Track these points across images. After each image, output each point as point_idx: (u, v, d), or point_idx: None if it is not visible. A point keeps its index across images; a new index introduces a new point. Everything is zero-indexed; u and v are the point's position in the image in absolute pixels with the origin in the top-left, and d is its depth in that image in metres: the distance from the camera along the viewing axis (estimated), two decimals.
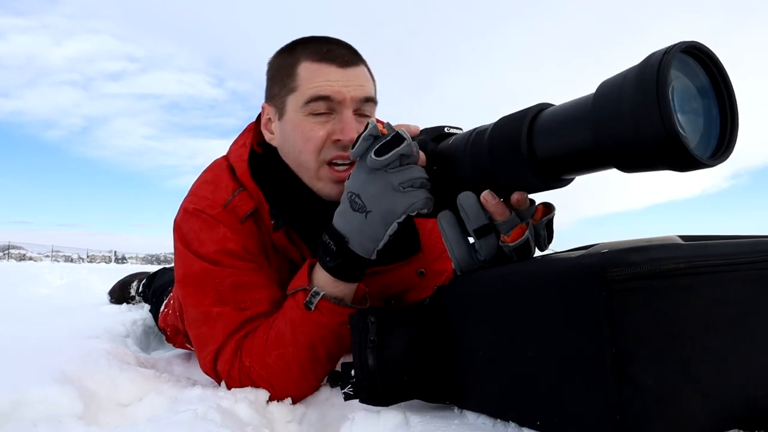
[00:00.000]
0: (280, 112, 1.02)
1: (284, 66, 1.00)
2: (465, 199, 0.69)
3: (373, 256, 0.83)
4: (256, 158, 1.06)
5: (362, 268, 0.86)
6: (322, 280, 0.88)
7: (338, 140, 0.95)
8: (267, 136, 1.06)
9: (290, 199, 1.02)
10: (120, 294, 2.31)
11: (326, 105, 0.96)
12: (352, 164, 0.95)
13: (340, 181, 0.97)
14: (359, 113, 0.98)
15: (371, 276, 0.97)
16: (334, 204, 0.99)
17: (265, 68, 1.07)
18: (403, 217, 0.77)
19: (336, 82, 0.95)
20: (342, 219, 0.83)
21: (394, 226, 0.78)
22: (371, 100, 0.99)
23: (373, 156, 0.75)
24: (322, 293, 0.87)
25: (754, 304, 0.52)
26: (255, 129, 1.10)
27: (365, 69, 1.01)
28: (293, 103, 0.98)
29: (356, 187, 0.80)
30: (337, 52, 0.97)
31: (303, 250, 1.05)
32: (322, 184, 1.00)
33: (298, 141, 0.99)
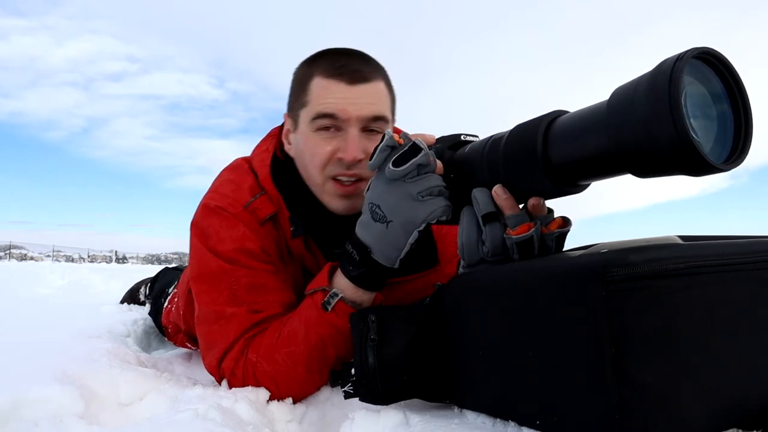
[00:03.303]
0: (295, 125, 1.03)
1: (301, 79, 1.01)
2: (478, 191, 0.72)
3: (396, 265, 0.83)
4: (278, 165, 1.07)
5: (385, 277, 0.87)
6: (343, 285, 0.89)
7: (341, 158, 0.96)
8: (286, 145, 1.08)
9: (308, 208, 1.03)
10: (131, 302, 2.33)
11: (332, 122, 0.96)
12: (357, 180, 0.98)
13: (346, 196, 0.99)
14: (368, 131, 0.98)
15: (390, 286, 0.98)
16: (347, 216, 0.99)
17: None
18: (423, 225, 0.78)
19: (343, 100, 0.95)
20: (364, 229, 0.84)
21: (414, 235, 0.80)
22: (381, 119, 0.98)
23: (391, 167, 0.76)
24: (340, 295, 0.88)
25: (753, 304, 0.52)
26: (278, 135, 1.11)
27: (380, 85, 0.99)
28: (304, 117, 0.99)
29: (376, 197, 0.81)
30: (349, 68, 0.96)
31: (318, 258, 1.06)
32: (328, 198, 1.01)
33: (306, 155, 1.00)
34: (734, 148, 0.54)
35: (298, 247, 1.04)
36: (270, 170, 1.05)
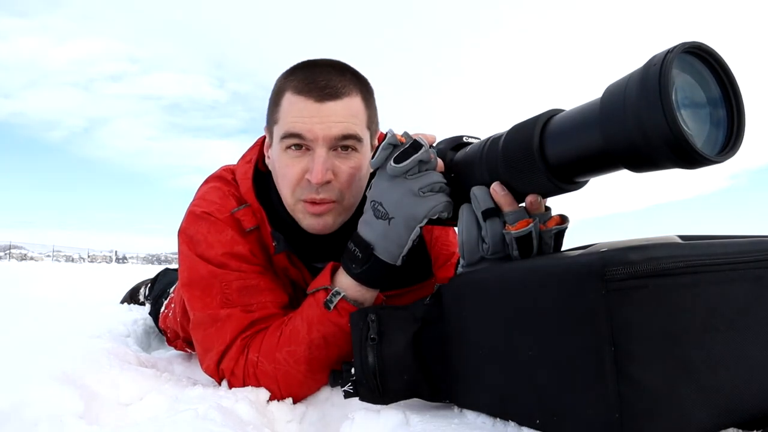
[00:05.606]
0: (270, 140, 1.01)
1: (276, 93, 0.98)
2: (477, 189, 0.72)
3: (399, 263, 0.84)
4: (260, 177, 1.05)
5: (387, 275, 0.86)
6: (345, 283, 0.89)
7: (310, 180, 0.93)
8: (266, 158, 1.06)
9: (288, 224, 1.02)
10: (131, 302, 2.33)
11: (300, 142, 0.93)
12: (327, 202, 0.96)
13: (317, 215, 0.97)
14: (339, 150, 0.95)
15: (385, 300, 0.98)
16: (326, 234, 0.98)
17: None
18: (425, 220, 0.79)
19: (310, 119, 0.91)
20: (366, 227, 0.84)
21: (416, 231, 0.80)
22: (351, 137, 0.93)
23: (392, 163, 0.77)
24: (343, 294, 0.88)
25: (753, 304, 0.52)
26: (262, 145, 1.09)
27: (353, 100, 0.94)
28: (276, 134, 0.97)
29: (378, 194, 0.81)
30: (318, 84, 0.91)
31: (303, 270, 1.05)
32: (300, 217, 0.99)
33: (278, 174, 0.99)
34: (727, 140, 0.54)
35: (282, 261, 1.04)
36: (252, 183, 1.03)
